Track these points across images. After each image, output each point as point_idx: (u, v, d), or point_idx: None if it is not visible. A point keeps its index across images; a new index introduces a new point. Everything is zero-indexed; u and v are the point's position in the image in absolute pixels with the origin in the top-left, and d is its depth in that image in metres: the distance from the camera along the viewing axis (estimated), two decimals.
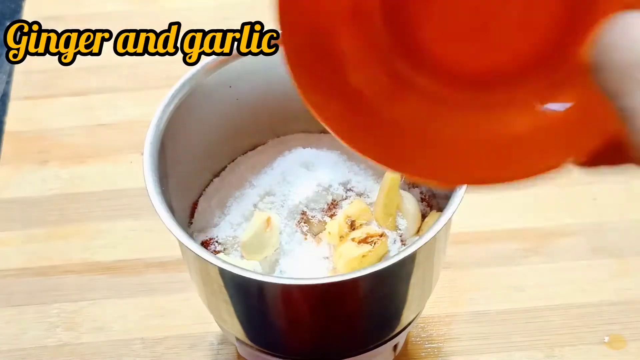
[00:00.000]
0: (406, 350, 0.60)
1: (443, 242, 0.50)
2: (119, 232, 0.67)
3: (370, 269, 0.43)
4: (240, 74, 0.53)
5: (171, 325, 0.62)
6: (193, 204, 0.56)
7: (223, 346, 0.61)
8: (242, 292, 0.48)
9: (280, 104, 0.56)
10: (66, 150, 0.73)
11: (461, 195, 0.45)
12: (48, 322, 0.63)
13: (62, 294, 0.64)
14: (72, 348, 0.61)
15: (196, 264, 0.48)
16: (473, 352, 0.60)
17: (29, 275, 0.65)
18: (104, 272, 0.65)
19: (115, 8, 0.83)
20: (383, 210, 0.52)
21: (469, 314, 0.62)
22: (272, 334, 0.51)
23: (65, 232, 0.67)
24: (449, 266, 0.64)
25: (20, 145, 0.73)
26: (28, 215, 0.69)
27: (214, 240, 0.53)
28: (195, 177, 0.56)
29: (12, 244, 0.67)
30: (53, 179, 0.71)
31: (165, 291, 0.64)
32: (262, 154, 0.58)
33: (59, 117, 0.75)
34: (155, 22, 0.82)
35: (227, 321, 0.51)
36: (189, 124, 0.52)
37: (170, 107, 0.50)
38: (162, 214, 0.45)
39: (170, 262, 0.65)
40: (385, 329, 0.51)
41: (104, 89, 0.77)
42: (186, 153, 0.53)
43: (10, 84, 0.78)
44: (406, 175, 0.44)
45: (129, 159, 0.72)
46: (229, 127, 0.56)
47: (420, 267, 0.48)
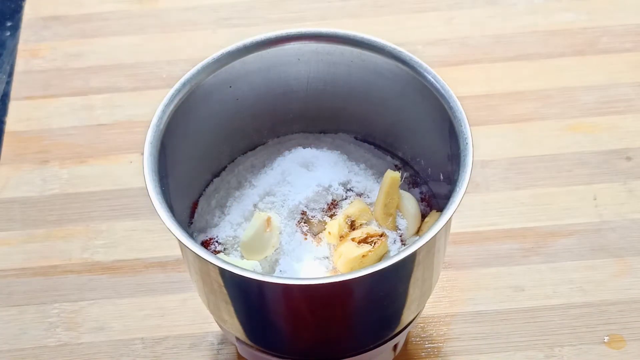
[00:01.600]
0: (406, 350, 0.60)
1: (443, 242, 0.50)
2: (119, 232, 0.67)
3: (370, 269, 0.43)
4: (240, 74, 0.53)
5: (171, 325, 0.62)
6: (193, 204, 0.56)
7: (223, 346, 0.61)
8: (242, 292, 0.48)
9: (280, 104, 0.57)
10: (66, 150, 0.73)
11: (461, 195, 0.45)
12: (48, 322, 0.63)
13: (62, 294, 0.64)
14: (72, 348, 0.61)
15: (196, 264, 0.48)
16: (473, 352, 0.60)
17: (29, 275, 0.65)
18: (104, 272, 0.65)
19: (115, 8, 0.83)
20: (383, 210, 0.52)
21: (469, 314, 0.62)
22: (272, 334, 0.51)
23: (65, 232, 0.67)
24: (449, 266, 0.64)
25: (20, 145, 0.73)
26: (28, 215, 0.69)
27: (214, 240, 0.53)
28: (195, 177, 0.56)
29: (12, 244, 0.67)
30: (53, 179, 0.71)
31: (165, 291, 0.64)
32: (262, 154, 0.58)
33: (59, 117, 0.75)
34: (155, 22, 0.82)
35: (227, 321, 0.51)
36: (189, 124, 0.52)
37: (170, 107, 0.50)
38: (162, 214, 0.45)
39: (170, 262, 0.65)
40: (385, 329, 0.51)
41: (104, 89, 0.77)
42: (186, 153, 0.53)
43: (10, 84, 0.78)
44: None
45: (129, 159, 0.72)
46: (228, 127, 0.56)
47: (420, 267, 0.48)
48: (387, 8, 0.82)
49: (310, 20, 0.81)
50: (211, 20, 0.82)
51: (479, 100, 0.73)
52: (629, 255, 0.65)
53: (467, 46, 0.78)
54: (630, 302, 0.62)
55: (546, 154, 0.70)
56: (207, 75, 0.52)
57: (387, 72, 0.52)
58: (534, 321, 0.62)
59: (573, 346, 0.60)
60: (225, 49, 0.52)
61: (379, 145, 0.58)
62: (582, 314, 0.62)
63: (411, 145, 0.57)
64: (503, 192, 0.68)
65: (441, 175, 0.54)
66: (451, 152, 0.49)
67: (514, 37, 0.79)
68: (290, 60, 0.54)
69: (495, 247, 0.65)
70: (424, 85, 0.50)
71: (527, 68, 0.75)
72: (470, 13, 0.81)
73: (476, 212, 0.67)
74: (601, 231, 0.66)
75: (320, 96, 0.56)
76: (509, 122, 0.72)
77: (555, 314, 0.62)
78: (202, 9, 0.83)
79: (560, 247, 0.65)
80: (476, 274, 0.64)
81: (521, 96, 0.73)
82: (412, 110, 0.54)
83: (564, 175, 0.69)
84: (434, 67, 0.51)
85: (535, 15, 0.80)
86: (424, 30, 0.80)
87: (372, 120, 0.57)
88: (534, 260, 0.64)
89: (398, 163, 0.58)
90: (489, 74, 0.75)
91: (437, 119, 0.50)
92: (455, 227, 0.64)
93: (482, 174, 0.69)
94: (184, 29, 0.81)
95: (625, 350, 0.60)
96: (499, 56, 0.77)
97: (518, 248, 0.65)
